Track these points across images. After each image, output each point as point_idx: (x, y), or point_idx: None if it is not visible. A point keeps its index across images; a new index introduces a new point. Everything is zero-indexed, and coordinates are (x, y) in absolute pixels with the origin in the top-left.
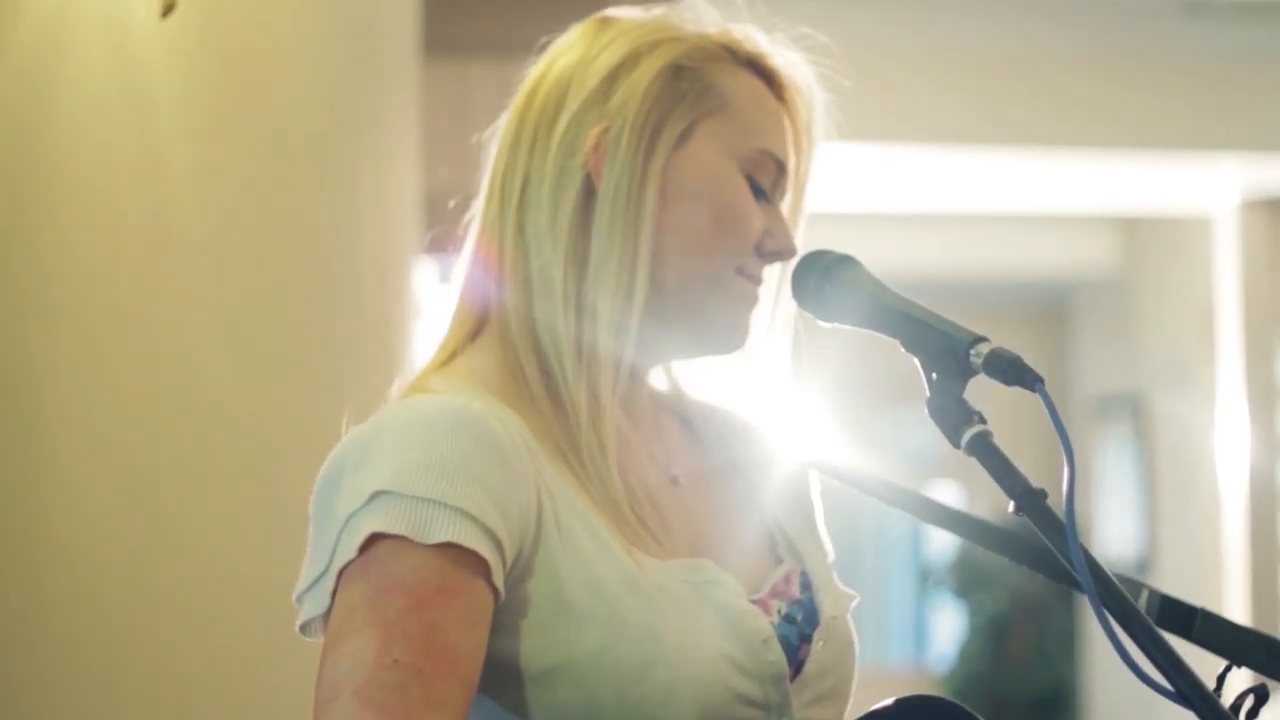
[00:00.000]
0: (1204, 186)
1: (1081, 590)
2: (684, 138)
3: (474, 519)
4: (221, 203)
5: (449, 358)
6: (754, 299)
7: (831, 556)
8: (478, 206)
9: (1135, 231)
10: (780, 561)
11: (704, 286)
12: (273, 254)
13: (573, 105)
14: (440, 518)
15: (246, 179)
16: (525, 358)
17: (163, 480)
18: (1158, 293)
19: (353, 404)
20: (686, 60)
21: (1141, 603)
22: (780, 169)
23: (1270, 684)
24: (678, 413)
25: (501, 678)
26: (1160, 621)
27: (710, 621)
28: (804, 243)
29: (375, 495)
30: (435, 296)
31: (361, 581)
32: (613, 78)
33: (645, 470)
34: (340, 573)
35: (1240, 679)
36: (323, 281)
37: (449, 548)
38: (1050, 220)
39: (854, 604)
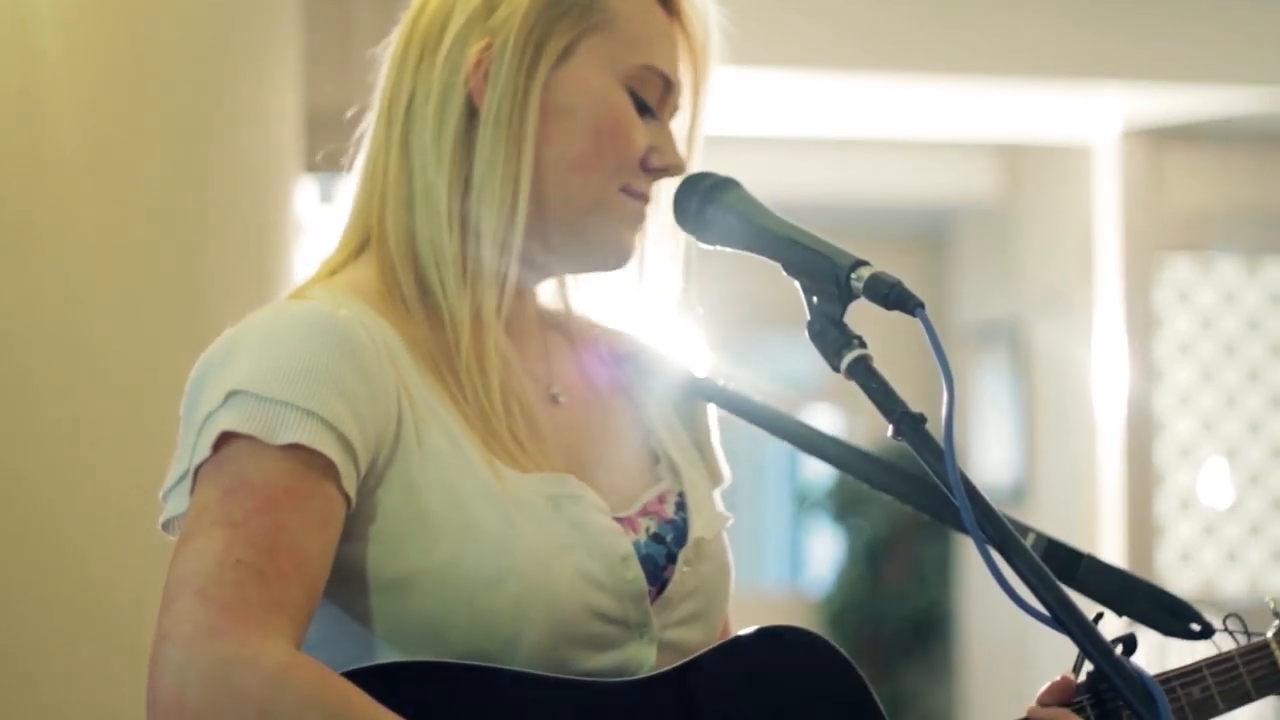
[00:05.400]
0: (1086, 115)
1: (953, 525)
2: (565, 55)
3: (325, 422)
4: (100, 119)
5: (331, 273)
6: (639, 216)
7: (727, 480)
8: (367, 123)
9: (1016, 159)
10: (658, 481)
11: (586, 205)
12: (152, 171)
13: (457, 22)
14: (290, 419)
15: (125, 96)
16: (404, 275)
17: (42, 398)
18: (1038, 221)
19: (233, 322)
20: None
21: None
22: (667, 85)
23: (1140, 632)
24: (565, 332)
25: (350, 585)
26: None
27: (566, 536)
28: (696, 164)
29: (230, 395)
30: (317, 214)
31: (214, 481)
32: None
33: (524, 388)
34: (197, 471)
35: (1113, 626)
36: (203, 199)
37: (298, 449)
38: (931, 147)
39: (727, 524)
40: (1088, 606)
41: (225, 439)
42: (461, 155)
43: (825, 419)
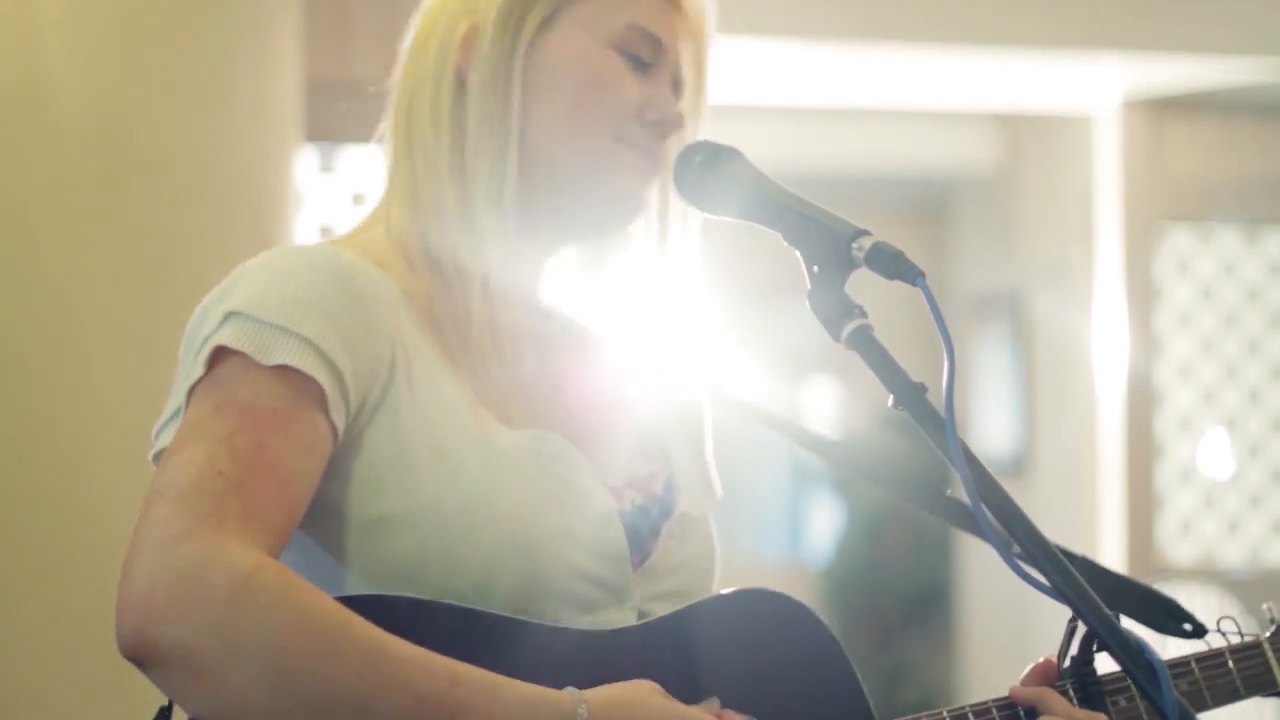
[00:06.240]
0: (1086, 85)
1: (948, 521)
2: (547, 24)
3: (317, 349)
4: (100, 87)
5: (347, 238)
6: (643, 168)
7: (719, 496)
8: (388, 120)
9: (1016, 129)
10: (649, 462)
11: (579, 159)
12: (150, 139)
13: (448, 9)
14: (282, 342)
15: (126, 66)
16: (411, 252)
17: (36, 369)
18: (1038, 191)
19: None
20: None
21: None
22: (658, 45)
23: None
24: (569, 329)
25: (329, 524)
26: None
27: (549, 491)
28: (703, 136)
29: (228, 316)
30: (317, 183)
31: (204, 398)
32: None
33: (523, 364)
34: (190, 392)
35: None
36: (203, 167)
37: (288, 372)
38: (932, 116)
39: (715, 507)
40: None
41: (218, 356)
42: (456, 135)
43: (825, 390)
